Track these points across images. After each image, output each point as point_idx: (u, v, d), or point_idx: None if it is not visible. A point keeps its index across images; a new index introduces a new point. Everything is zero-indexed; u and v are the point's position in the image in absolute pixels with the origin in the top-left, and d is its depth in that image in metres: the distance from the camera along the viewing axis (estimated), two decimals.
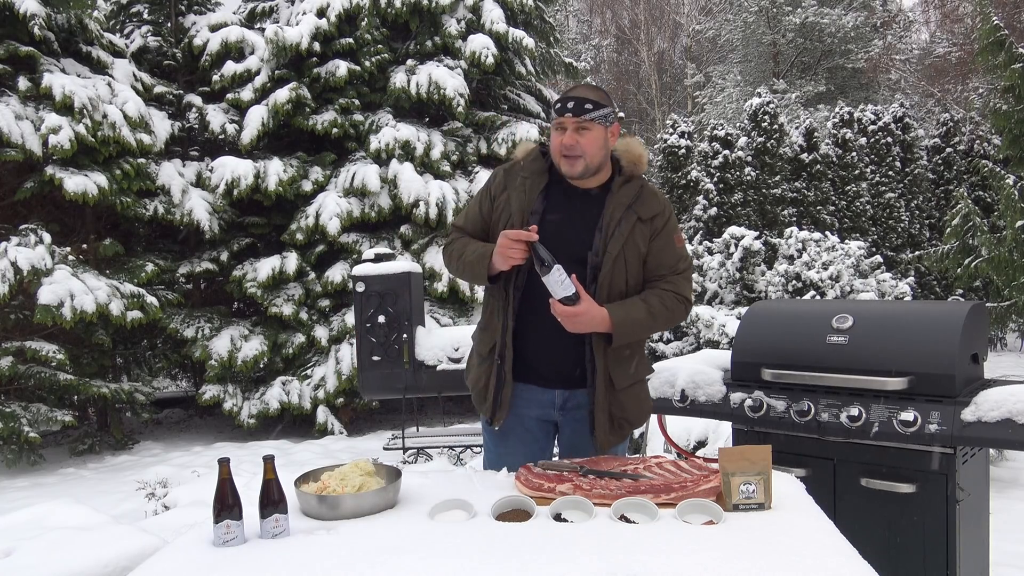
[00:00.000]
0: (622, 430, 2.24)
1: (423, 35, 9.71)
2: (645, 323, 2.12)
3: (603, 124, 2.14)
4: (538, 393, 2.26)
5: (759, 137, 15.86)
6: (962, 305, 2.51)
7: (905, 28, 27.97)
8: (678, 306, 2.18)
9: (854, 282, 8.68)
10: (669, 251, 2.21)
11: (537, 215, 2.18)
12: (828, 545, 1.51)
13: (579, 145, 2.12)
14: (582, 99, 2.13)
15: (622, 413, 2.22)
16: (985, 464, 2.64)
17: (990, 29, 8.04)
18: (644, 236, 2.17)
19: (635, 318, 2.09)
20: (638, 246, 2.16)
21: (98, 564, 2.75)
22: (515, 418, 2.29)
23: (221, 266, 8.87)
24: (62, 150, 7.09)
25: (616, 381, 2.18)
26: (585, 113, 2.11)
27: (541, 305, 2.15)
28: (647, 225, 2.18)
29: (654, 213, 2.19)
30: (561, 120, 2.14)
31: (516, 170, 2.28)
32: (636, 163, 2.24)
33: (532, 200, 2.20)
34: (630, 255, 2.15)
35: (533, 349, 2.22)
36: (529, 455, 2.24)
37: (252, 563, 1.51)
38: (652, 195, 2.23)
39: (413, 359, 6.00)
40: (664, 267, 2.20)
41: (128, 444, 8.05)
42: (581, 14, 31.89)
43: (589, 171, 2.17)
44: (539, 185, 2.22)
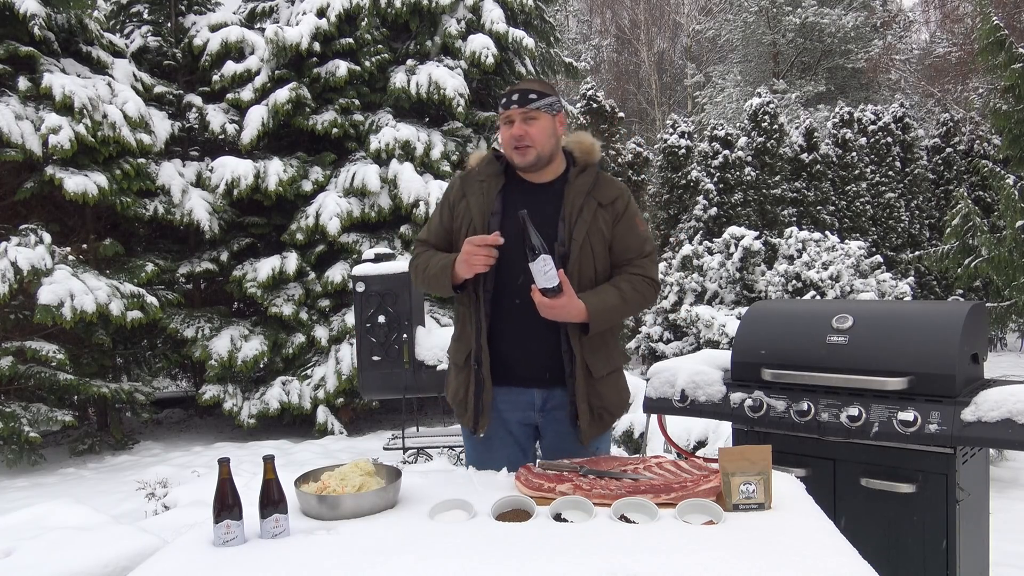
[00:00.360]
0: (603, 421, 2.25)
1: (423, 35, 9.71)
2: (619, 309, 2.15)
3: (549, 112, 2.19)
4: (517, 395, 2.27)
5: (759, 137, 15.86)
6: (962, 305, 2.51)
7: (905, 28, 27.99)
8: (648, 289, 2.22)
9: (854, 282, 8.68)
10: (633, 235, 2.24)
11: (498, 215, 2.20)
12: (828, 545, 1.51)
13: (528, 135, 2.16)
14: (526, 90, 2.18)
15: (601, 403, 2.23)
16: (985, 464, 2.64)
17: (990, 29, 8.04)
18: (607, 221, 2.21)
19: (609, 305, 2.12)
20: (602, 231, 2.19)
21: (98, 564, 2.75)
22: (497, 423, 2.29)
23: (221, 266, 8.87)
24: (62, 150, 7.09)
25: (594, 370, 2.19)
26: (530, 103, 2.16)
27: (512, 306, 2.18)
28: (608, 210, 2.21)
29: (613, 197, 2.23)
30: (508, 113, 2.18)
31: (472, 176, 2.31)
32: (588, 152, 2.28)
33: (491, 201, 2.22)
34: (595, 241, 2.18)
35: (508, 350, 2.23)
36: (512, 460, 2.25)
37: (252, 563, 1.51)
38: (609, 181, 2.28)
39: (413, 359, 6.00)
40: (630, 251, 2.23)
41: (128, 444, 8.05)
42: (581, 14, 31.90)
43: (541, 160, 2.20)
44: (496, 186, 2.25)
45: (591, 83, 15.81)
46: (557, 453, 2.27)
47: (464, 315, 2.29)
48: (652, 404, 2.98)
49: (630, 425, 5.21)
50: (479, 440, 2.32)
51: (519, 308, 2.18)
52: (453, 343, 2.37)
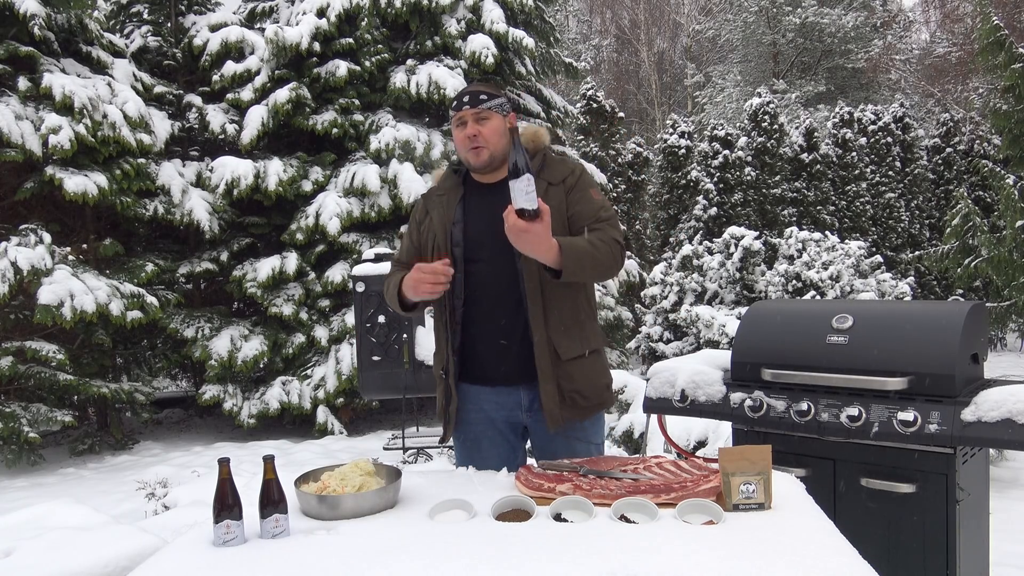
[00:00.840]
0: (575, 404, 2.21)
1: (423, 35, 9.71)
2: (589, 253, 2.08)
3: (500, 112, 2.23)
4: (505, 395, 2.27)
5: (759, 137, 15.86)
6: (962, 305, 2.51)
7: (905, 28, 27.99)
8: (614, 245, 2.15)
9: (854, 282, 8.68)
10: (587, 202, 2.22)
11: (459, 224, 2.24)
12: (828, 545, 1.51)
13: (481, 134, 2.19)
14: (476, 91, 2.22)
15: (572, 385, 2.19)
16: (985, 464, 2.64)
17: (990, 29, 8.05)
18: (559, 197, 2.21)
19: (580, 248, 2.06)
20: (556, 208, 2.17)
21: (98, 564, 2.75)
22: (485, 424, 2.30)
23: (221, 266, 8.87)
24: (62, 150, 7.09)
25: (561, 351, 2.17)
26: (481, 103, 2.20)
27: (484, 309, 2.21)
28: (559, 187, 2.22)
29: (563, 176, 2.25)
30: (460, 114, 2.22)
31: (433, 193, 2.37)
32: (533, 139, 2.30)
33: (451, 212, 2.27)
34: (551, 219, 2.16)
35: (484, 350, 2.24)
36: (500, 459, 2.26)
37: (252, 563, 1.51)
38: (558, 162, 2.29)
39: (413, 359, 6.00)
40: (587, 216, 2.21)
41: (128, 444, 8.05)
42: (581, 14, 31.90)
43: (494, 160, 2.22)
44: (456, 197, 2.29)
45: (591, 83, 15.81)
46: (545, 453, 2.27)
47: (438, 327, 2.32)
48: (652, 404, 2.98)
49: (630, 425, 5.21)
50: (467, 443, 2.32)
51: (491, 306, 2.21)
52: (435, 356, 2.40)
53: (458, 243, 2.22)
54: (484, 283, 2.21)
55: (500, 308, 2.20)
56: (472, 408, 2.30)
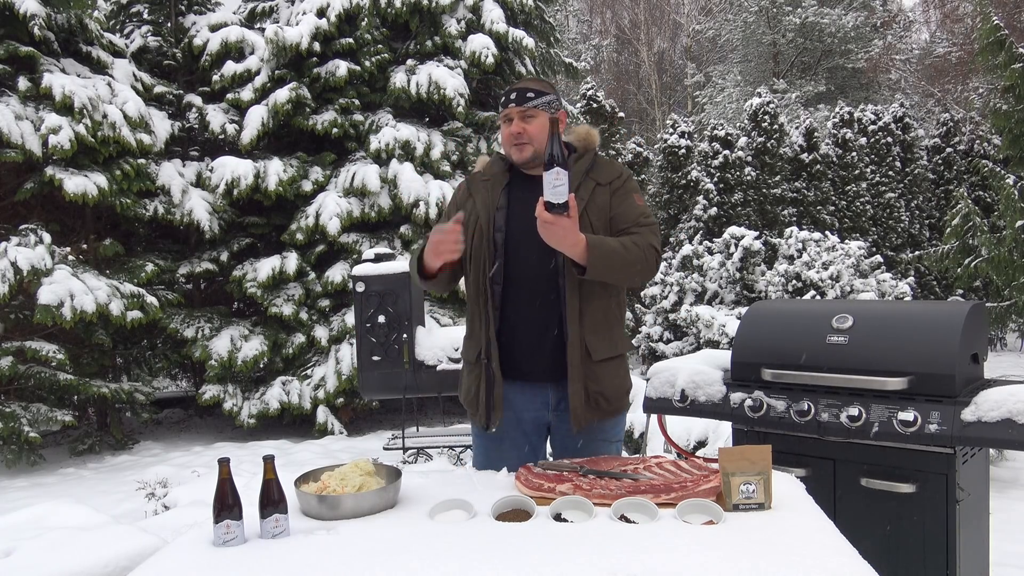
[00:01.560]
0: (598, 407, 2.22)
1: (423, 35, 9.71)
2: (618, 253, 2.08)
3: (547, 110, 2.24)
4: (532, 392, 2.27)
5: (759, 137, 15.86)
6: (962, 305, 2.51)
7: (905, 28, 27.99)
8: (649, 251, 2.15)
9: (854, 282, 8.68)
10: (630, 206, 2.24)
11: (503, 210, 2.26)
12: (828, 545, 1.51)
13: (526, 132, 2.22)
14: (524, 89, 2.24)
15: (597, 387, 2.20)
16: (985, 464, 2.64)
17: (990, 29, 8.05)
18: (605, 198, 2.23)
19: (609, 248, 2.06)
20: (600, 208, 2.21)
21: (98, 564, 2.75)
22: (510, 423, 2.29)
23: (221, 266, 8.87)
24: (62, 150, 7.09)
25: (593, 352, 2.18)
26: (527, 101, 2.22)
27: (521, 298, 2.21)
28: (606, 188, 2.25)
29: (612, 177, 2.27)
30: (507, 111, 2.25)
31: (477, 176, 2.38)
32: (585, 140, 2.33)
33: (496, 197, 2.28)
34: (594, 217, 2.19)
35: (518, 343, 2.24)
36: (522, 458, 2.25)
37: (252, 563, 1.51)
38: (607, 163, 2.31)
39: (413, 359, 6.00)
40: (627, 220, 2.22)
41: (128, 444, 8.05)
42: (581, 14, 31.90)
43: (538, 156, 2.22)
44: (501, 183, 2.31)
45: (591, 83, 15.82)
46: (566, 451, 2.27)
47: (474, 312, 2.31)
48: (652, 404, 2.98)
49: (630, 425, 5.21)
50: (491, 438, 2.31)
51: (528, 296, 2.21)
52: (464, 341, 2.38)
53: (500, 229, 2.23)
54: (523, 272, 2.22)
55: (537, 298, 2.20)
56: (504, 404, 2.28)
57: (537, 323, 2.21)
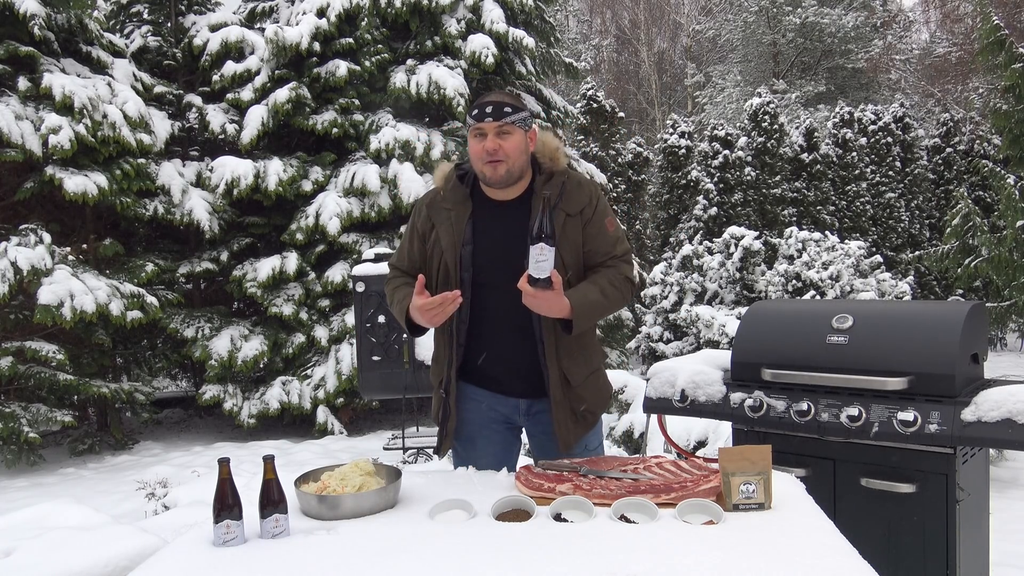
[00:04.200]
0: (586, 421, 2.24)
1: (423, 35, 9.71)
2: (601, 305, 2.11)
3: (522, 127, 2.13)
4: (502, 400, 2.27)
5: (759, 137, 15.86)
6: (962, 305, 2.51)
7: (905, 28, 27.99)
8: (625, 286, 2.18)
9: (854, 282, 8.68)
10: (602, 237, 2.20)
11: (469, 245, 2.16)
12: (828, 545, 1.51)
13: (502, 149, 2.08)
14: (501, 103, 2.10)
15: (583, 405, 2.22)
16: (985, 464, 2.64)
17: (990, 29, 8.05)
18: (576, 229, 2.16)
19: (591, 300, 2.08)
20: (572, 240, 2.16)
21: (98, 564, 2.75)
22: (479, 424, 2.29)
23: (221, 266, 8.87)
24: (62, 150, 7.09)
25: (572, 379, 2.18)
26: (505, 116, 2.08)
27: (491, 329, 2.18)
28: (576, 219, 2.17)
29: (581, 206, 2.17)
30: (480, 126, 2.09)
31: (438, 202, 2.24)
32: (552, 158, 2.21)
33: (461, 231, 2.16)
34: (566, 252, 2.14)
35: (487, 361, 2.23)
36: (496, 456, 2.26)
37: (252, 563, 1.51)
38: (576, 187, 2.20)
39: (413, 359, 5.99)
40: (602, 253, 2.19)
41: (128, 444, 8.04)
42: (581, 14, 31.89)
43: (512, 176, 2.12)
44: (465, 214, 2.18)
45: (591, 83, 15.82)
46: (545, 450, 2.28)
47: (440, 341, 2.28)
48: (652, 404, 2.98)
49: (630, 425, 5.21)
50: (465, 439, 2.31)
51: (497, 330, 2.17)
52: (432, 363, 2.36)
53: (467, 268, 2.14)
54: (492, 308, 2.16)
55: (508, 334, 2.16)
56: (470, 408, 2.28)
57: (509, 355, 2.19)
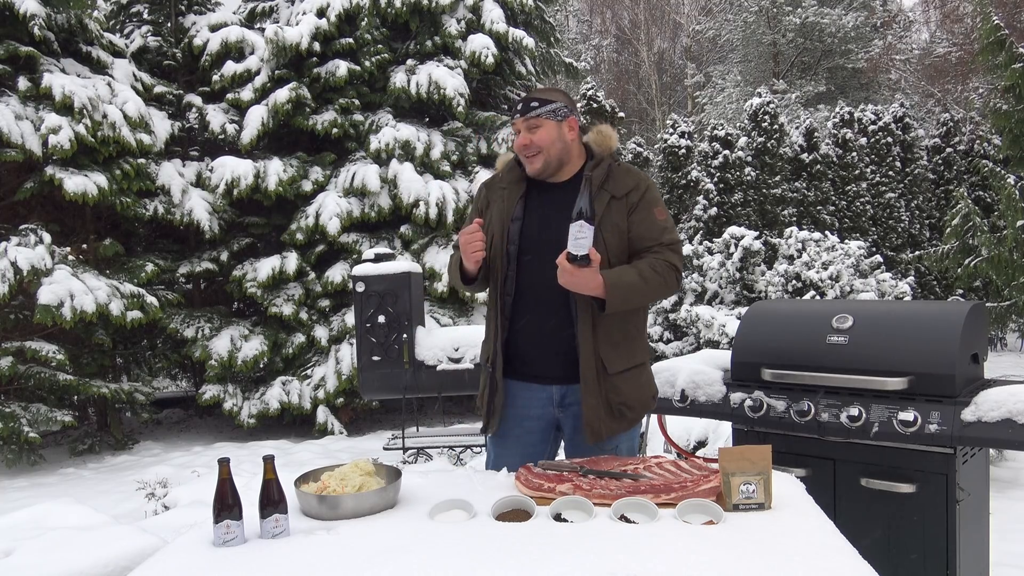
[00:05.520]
0: (623, 417, 2.22)
1: (423, 35, 9.71)
2: (638, 288, 2.11)
3: (553, 119, 2.21)
4: (537, 391, 2.27)
5: (759, 137, 15.85)
6: (962, 305, 2.51)
7: (905, 28, 27.97)
8: (669, 273, 2.17)
9: (854, 282, 8.68)
10: (650, 223, 2.21)
11: (518, 220, 2.26)
12: (828, 545, 1.51)
13: (533, 143, 2.20)
14: (528, 99, 2.23)
15: (619, 398, 2.20)
16: (985, 464, 2.64)
17: (990, 29, 8.04)
18: (621, 213, 2.20)
19: (627, 281, 2.09)
20: (616, 224, 2.18)
21: (98, 564, 2.75)
22: (514, 420, 2.30)
23: (221, 266, 8.87)
24: (62, 150, 7.09)
25: (609, 365, 2.17)
26: (531, 111, 2.20)
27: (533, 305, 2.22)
28: (622, 202, 2.20)
29: (628, 189, 2.21)
30: (514, 124, 2.25)
31: (495, 183, 2.38)
32: (602, 144, 2.30)
33: (511, 208, 2.28)
34: (608, 234, 2.17)
35: (527, 348, 2.26)
36: (528, 457, 2.24)
37: (252, 563, 1.51)
38: (624, 172, 2.26)
39: (413, 359, 5.99)
40: (648, 239, 2.20)
41: (128, 444, 8.04)
42: (581, 14, 31.89)
43: (550, 166, 2.23)
44: (517, 193, 2.30)
45: (591, 83, 15.81)
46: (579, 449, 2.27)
47: (489, 318, 2.35)
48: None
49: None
50: (496, 437, 2.34)
51: (539, 306, 2.22)
52: (483, 344, 2.42)
53: (513, 241, 2.24)
54: (535, 283, 2.22)
55: (548, 310, 2.21)
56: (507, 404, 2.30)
57: (548, 334, 2.23)
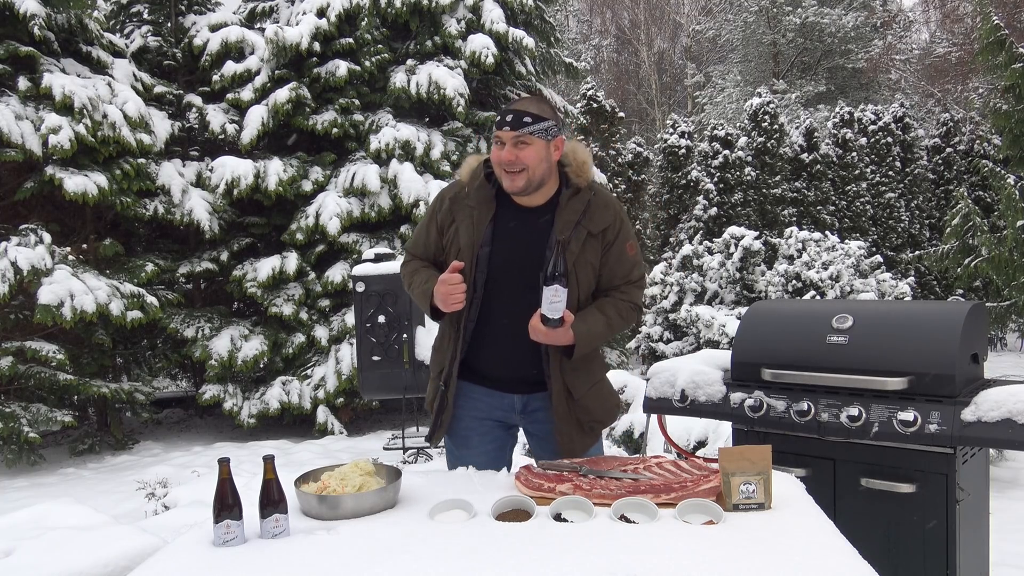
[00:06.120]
0: (593, 432, 2.26)
1: (423, 35, 9.71)
2: (603, 335, 2.17)
3: (543, 138, 2.07)
4: (498, 398, 2.26)
5: (759, 137, 15.86)
6: (962, 305, 2.51)
7: (905, 28, 27.97)
8: (631, 314, 2.23)
9: (854, 282, 8.68)
10: (622, 262, 2.19)
11: (487, 247, 2.13)
12: (828, 545, 1.51)
13: (519, 160, 2.04)
14: (521, 112, 2.05)
15: (589, 416, 2.22)
16: (985, 464, 2.64)
17: (990, 29, 8.04)
18: (595, 250, 2.14)
19: (596, 332, 2.13)
20: (589, 261, 2.13)
21: (98, 564, 2.75)
22: (474, 422, 2.28)
23: (221, 266, 8.87)
24: (62, 150, 7.09)
25: (574, 391, 2.18)
26: (523, 127, 2.03)
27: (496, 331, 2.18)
28: (597, 239, 2.14)
29: (605, 226, 2.14)
30: (499, 134, 2.06)
31: (462, 198, 2.20)
32: (580, 171, 2.16)
33: (481, 232, 2.13)
34: (581, 272, 2.12)
35: (488, 360, 2.22)
36: (490, 455, 2.25)
37: (252, 563, 1.51)
38: (602, 206, 2.16)
39: (413, 359, 6.00)
40: (618, 278, 2.20)
41: (128, 444, 8.04)
42: (581, 14, 31.89)
43: (531, 186, 2.09)
44: (487, 216, 2.14)
45: (591, 83, 15.81)
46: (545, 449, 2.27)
47: (445, 333, 2.27)
48: (652, 404, 2.98)
49: (630, 425, 5.21)
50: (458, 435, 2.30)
51: (502, 333, 2.17)
52: (433, 351, 2.36)
53: (483, 270, 2.12)
54: (501, 313, 2.16)
55: (512, 340, 2.15)
56: (464, 404, 2.27)
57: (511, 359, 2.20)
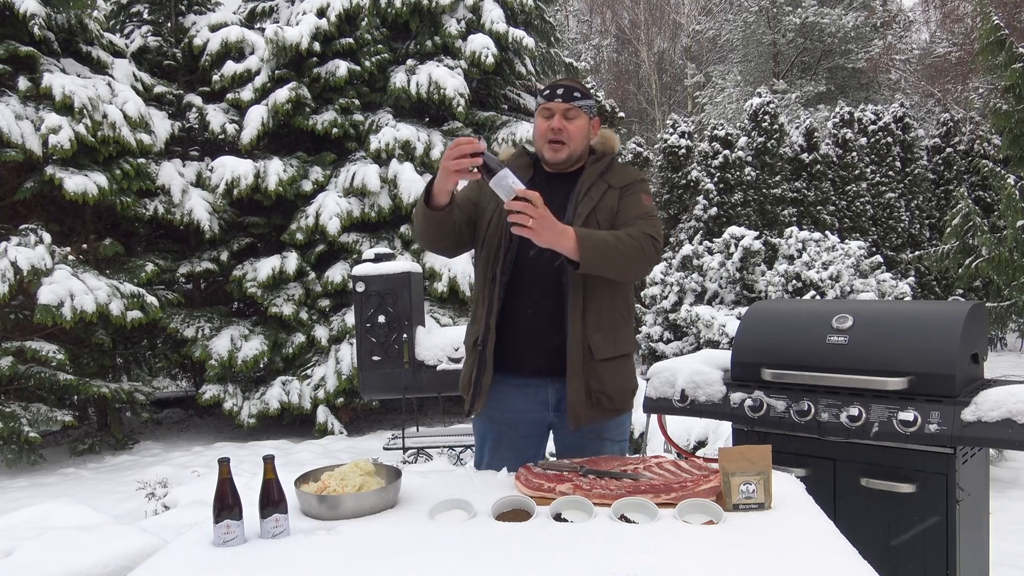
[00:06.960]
0: (600, 405, 2.20)
1: (423, 35, 9.71)
2: (611, 245, 2.04)
3: (588, 114, 2.23)
4: (531, 391, 2.25)
5: (759, 137, 15.85)
6: (962, 305, 2.51)
7: (905, 28, 27.97)
8: (645, 240, 2.11)
9: (854, 282, 8.68)
10: (634, 204, 2.23)
11: None
12: (828, 545, 1.51)
13: (566, 130, 2.18)
14: (571, 87, 2.20)
15: (600, 386, 2.18)
16: (985, 464, 2.64)
17: (990, 29, 8.04)
18: (615, 199, 2.22)
19: (599, 238, 2.02)
20: (608, 208, 2.20)
21: (98, 564, 2.75)
22: (508, 422, 2.28)
23: (221, 266, 8.87)
24: (62, 150, 7.09)
25: (595, 351, 2.16)
26: (574, 100, 2.18)
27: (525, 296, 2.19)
28: (617, 191, 2.24)
29: (626, 182, 2.26)
30: (549, 105, 2.19)
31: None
32: (607, 145, 2.32)
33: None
34: (601, 218, 2.19)
35: (520, 339, 2.22)
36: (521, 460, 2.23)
37: (252, 563, 1.51)
38: (623, 169, 2.31)
39: (413, 359, 5.99)
40: (628, 216, 2.20)
41: (128, 444, 8.04)
42: (581, 14, 31.89)
43: (571, 159, 2.23)
44: (525, 176, 2.26)
45: (591, 83, 15.82)
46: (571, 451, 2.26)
47: (479, 299, 2.30)
48: (652, 404, 2.98)
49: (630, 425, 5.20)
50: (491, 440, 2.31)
51: (532, 294, 2.20)
52: (467, 328, 2.37)
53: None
54: (530, 267, 2.20)
55: (541, 295, 2.19)
56: (498, 407, 2.27)
57: (539, 319, 2.20)
